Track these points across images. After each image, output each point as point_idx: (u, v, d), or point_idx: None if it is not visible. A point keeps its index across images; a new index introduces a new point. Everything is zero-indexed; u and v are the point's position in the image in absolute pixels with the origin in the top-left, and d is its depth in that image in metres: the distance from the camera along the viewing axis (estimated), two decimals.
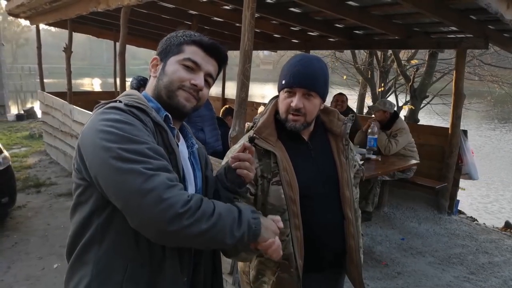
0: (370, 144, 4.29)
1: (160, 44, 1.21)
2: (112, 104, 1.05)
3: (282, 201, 1.41)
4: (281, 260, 1.40)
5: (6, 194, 4.05)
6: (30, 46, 51.34)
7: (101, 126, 0.97)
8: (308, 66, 1.42)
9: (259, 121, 1.48)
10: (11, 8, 6.89)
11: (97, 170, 0.95)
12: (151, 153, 0.96)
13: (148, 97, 1.16)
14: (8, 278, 3.20)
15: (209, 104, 3.73)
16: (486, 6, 2.72)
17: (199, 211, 0.95)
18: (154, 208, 0.90)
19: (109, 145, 0.93)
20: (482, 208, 7.68)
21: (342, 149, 1.56)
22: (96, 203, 1.01)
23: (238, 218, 1.03)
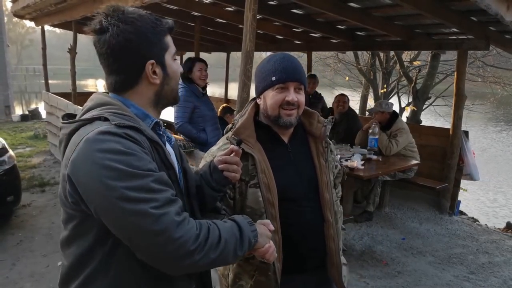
0: (371, 145, 4.32)
1: (137, 44, 1.01)
2: (104, 128, 0.92)
3: (260, 204, 1.39)
4: (259, 264, 1.40)
5: (12, 193, 4.11)
6: (35, 47, 51.65)
7: (101, 160, 0.88)
8: (294, 61, 1.45)
9: (238, 122, 1.45)
10: (16, 9, 6.97)
11: (100, 209, 0.89)
12: (156, 187, 0.91)
13: (127, 102, 1.05)
14: (13, 275, 3.25)
15: (211, 104, 3.78)
16: (486, 7, 2.75)
17: (208, 244, 0.95)
18: (166, 249, 0.89)
19: (113, 184, 0.86)
20: (484, 209, 7.67)
21: (321, 151, 1.54)
22: (98, 234, 0.95)
23: (240, 238, 1.04)
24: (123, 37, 0.99)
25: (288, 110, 1.42)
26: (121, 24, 0.99)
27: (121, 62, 1.02)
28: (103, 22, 1.00)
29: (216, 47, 8.67)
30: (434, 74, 8.95)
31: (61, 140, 1.02)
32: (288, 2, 4.43)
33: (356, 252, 3.80)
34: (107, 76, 1.07)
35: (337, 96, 5.18)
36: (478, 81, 10.50)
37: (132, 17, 1.01)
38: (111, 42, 0.99)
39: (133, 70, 1.04)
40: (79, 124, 0.98)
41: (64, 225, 1.02)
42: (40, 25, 7.57)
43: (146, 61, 1.03)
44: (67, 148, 0.97)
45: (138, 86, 1.06)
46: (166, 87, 1.09)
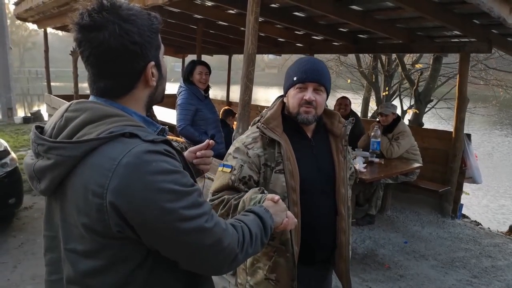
0: (373, 147, 4.31)
1: (140, 44, 0.91)
2: (144, 148, 0.84)
3: (283, 189, 1.48)
4: (278, 245, 1.50)
5: (13, 195, 4.10)
6: (37, 50, 51.84)
7: (154, 184, 0.82)
8: (316, 63, 1.56)
9: (267, 114, 1.58)
10: (19, 12, 7.02)
11: (158, 234, 0.86)
12: (201, 200, 0.92)
13: (128, 110, 0.96)
14: (15, 277, 3.25)
15: (213, 107, 3.77)
16: (488, 10, 2.75)
17: (245, 242, 1.00)
18: (218, 257, 0.93)
19: (171, 207, 0.83)
20: (486, 212, 7.64)
21: (341, 149, 1.64)
22: (140, 256, 0.91)
23: (263, 228, 1.10)
24: (127, 38, 0.88)
25: (306, 108, 1.53)
26: (122, 23, 0.88)
27: (121, 65, 0.91)
28: (96, 16, 0.87)
29: (218, 49, 8.69)
30: (436, 76, 8.93)
31: (58, 163, 0.86)
32: (290, 5, 4.43)
33: (359, 256, 3.79)
34: (95, 79, 0.93)
35: (338, 99, 5.17)
36: (480, 84, 10.48)
37: (132, 14, 0.90)
38: (111, 42, 0.87)
39: (133, 73, 0.93)
40: (97, 143, 0.84)
41: (89, 256, 0.89)
42: (43, 28, 7.62)
43: (147, 63, 0.93)
44: (86, 173, 0.84)
45: (135, 91, 0.95)
46: (160, 88, 1.02)
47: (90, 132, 0.87)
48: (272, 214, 1.16)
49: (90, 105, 0.91)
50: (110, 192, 0.81)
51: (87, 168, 0.85)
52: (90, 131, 0.86)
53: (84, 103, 0.93)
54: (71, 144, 0.86)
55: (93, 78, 0.94)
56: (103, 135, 0.85)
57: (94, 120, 0.88)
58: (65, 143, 0.86)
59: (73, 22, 0.90)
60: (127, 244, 0.88)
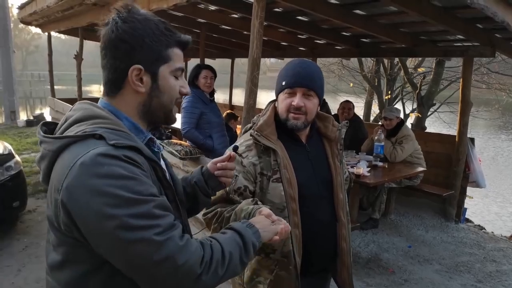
0: (376, 151, 4.31)
1: (129, 44, 0.94)
2: (101, 150, 0.84)
3: (282, 199, 1.42)
4: (280, 258, 1.43)
5: (18, 199, 4.11)
6: (40, 53, 52.11)
7: (100, 187, 0.80)
8: (306, 68, 1.49)
9: (260, 120, 1.51)
10: (23, 16, 7.06)
11: (99, 240, 0.83)
12: (158, 212, 0.85)
13: (120, 114, 0.98)
14: (19, 281, 3.25)
15: (218, 110, 3.78)
16: (492, 15, 2.76)
17: (213, 262, 0.92)
18: (172, 276, 0.85)
19: (113, 212, 0.79)
20: (490, 216, 7.62)
21: (336, 153, 1.60)
22: (93, 262, 0.89)
23: (243, 245, 1.00)
24: (116, 34, 0.93)
25: (295, 114, 1.47)
26: (119, 21, 0.94)
27: (110, 59, 0.96)
28: (110, 17, 0.96)
29: (220, 53, 8.72)
30: (438, 80, 8.95)
31: (44, 156, 0.93)
32: (293, 9, 4.45)
33: (362, 260, 3.78)
34: (102, 72, 1.00)
35: (342, 103, 5.18)
36: (483, 88, 10.48)
37: (135, 17, 0.95)
38: (105, 37, 0.95)
39: (119, 70, 0.96)
40: (68, 141, 0.88)
41: (54, 248, 0.94)
42: (47, 32, 7.66)
43: (130, 65, 0.95)
44: (56, 169, 0.89)
45: (124, 91, 0.98)
46: (155, 100, 0.99)
47: (73, 130, 0.91)
48: (259, 229, 1.07)
49: (85, 106, 0.97)
50: (63, 190, 0.83)
51: (58, 164, 0.89)
52: (73, 130, 0.91)
53: (83, 103, 0.99)
54: (51, 139, 0.91)
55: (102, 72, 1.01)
56: (77, 134, 0.89)
57: (81, 119, 0.93)
58: (49, 137, 0.92)
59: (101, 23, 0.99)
60: (77, 245, 0.87)
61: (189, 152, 3.29)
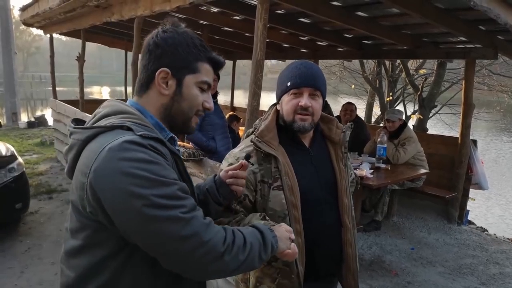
0: (379, 153, 4.31)
1: (162, 49, 1.04)
2: (129, 138, 0.90)
3: (283, 206, 1.39)
4: (282, 266, 1.41)
5: (20, 200, 4.12)
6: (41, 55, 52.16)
7: (127, 169, 0.86)
8: (310, 68, 1.47)
9: (261, 125, 1.47)
10: (25, 18, 7.06)
11: (127, 218, 0.87)
12: (182, 194, 0.92)
13: (146, 112, 1.05)
14: (22, 283, 3.25)
15: (221, 112, 3.78)
16: (495, 17, 2.76)
17: (236, 245, 0.96)
18: (196, 252, 0.90)
19: (141, 192, 0.85)
20: (492, 218, 7.60)
21: (341, 156, 1.56)
22: (112, 245, 0.94)
23: (263, 242, 1.06)
24: (155, 40, 1.04)
25: (302, 115, 1.43)
26: (161, 31, 1.06)
27: (144, 61, 1.06)
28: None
29: (222, 55, 8.55)
30: (440, 82, 8.93)
31: (73, 145, 0.99)
32: (295, 11, 4.46)
33: (365, 262, 3.77)
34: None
35: (344, 104, 5.18)
36: (484, 90, 10.48)
37: (175, 30, 1.06)
38: (145, 42, 1.06)
39: (149, 72, 1.05)
40: (97, 131, 0.95)
41: (73, 234, 0.98)
42: (49, 33, 7.67)
43: (159, 67, 1.03)
44: (83, 156, 0.94)
45: (150, 92, 1.06)
46: (176, 104, 1.06)
47: (101, 123, 0.99)
48: (277, 237, 1.12)
49: (114, 103, 1.05)
50: (91, 173, 0.88)
51: (86, 151, 0.95)
52: (102, 123, 0.99)
53: (111, 101, 1.08)
54: (80, 129, 0.99)
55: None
56: (106, 125, 0.96)
57: (110, 114, 1.01)
58: (79, 128, 1.00)
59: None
60: (99, 229, 0.92)
61: (192, 154, 3.28)
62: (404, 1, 3.27)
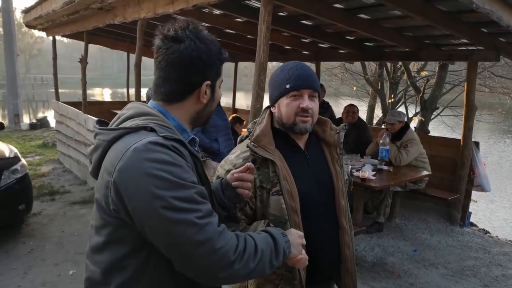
0: (381, 155, 4.31)
1: (205, 64, 1.06)
2: (153, 139, 0.94)
3: (283, 211, 1.37)
4: (284, 272, 1.40)
5: (23, 202, 4.13)
6: (43, 57, 52.28)
7: (150, 170, 0.89)
8: (307, 69, 1.46)
9: (256, 130, 1.44)
10: (29, 20, 7.09)
11: (145, 217, 0.91)
12: (199, 199, 0.94)
13: (168, 114, 1.09)
14: (25, 284, 3.26)
15: (224, 114, 3.79)
16: (497, 19, 2.77)
17: (246, 253, 0.98)
18: (208, 259, 0.92)
19: (161, 193, 0.88)
20: (495, 220, 7.58)
21: (336, 158, 1.56)
22: (134, 243, 0.97)
23: (275, 248, 1.08)
24: (197, 53, 1.04)
25: (303, 117, 1.42)
26: (197, 41, 1.05)
27: (184, 74, 1.06)
28: (180, 32, 1.04)
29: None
30: (442, 84, 8.94)
31: (98, 146, 1.03)
32: (298, 14, 4.47)
33: (368, 264, 3.77)
34: (161, 82, 1.08)
35: (346, 106, 5.19)
36: (486, 92, 10.48)
37: (208, 39, 1.08)
38: (183, 53, 1.03)
39: (190, 84, 1.07)
40: (123, 132, 0.99)
41: (97, 231, 1.02)
42: (51, 35, 7.69)
43: (204, 81, 1.08)
44: (109, 155, 0.99)
45: (186, 101, 1.09)
46: (208, 108, 1.14)
47: (125, 124, 1.03)
48: (290, 241, 1.14)
49: (137, 105, 1.09)
50: (116, 171, 0.92)
51: (111, 151, 0.99)
52: (126, 124, 1.02)
53: (135, 103, 1.11)
54: (106, 130, 1.03)
55: (158, 81, 1.09)
56: (131, 126, 1.00)
57: (133, 116, 1.04)
58: (104, 129, 1.04)
59: (160, 33, 1.07)
60: (121, 226, 0.96)
61: None
62: (407, 3, 3.28)
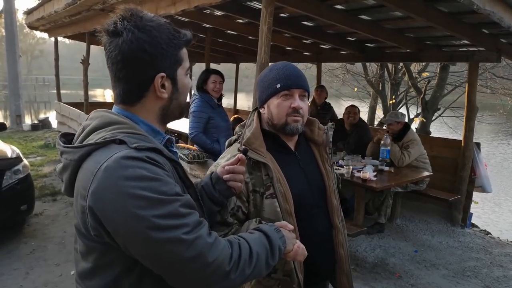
0: (382, 156, 4.31)
1: (150, 54, 0.93)
2: (124, 154, 0.84)
3: (278, 215, 1.34)
4: (282, 277, 1.38)
5: (25, 202, 4.14)
6: (45, 58, 52.49)
7: (127, 189, 0.81)
8: (296, 69, 1.44)
9: (246, 133, 1.41)
10: (31, 21, 7.13)
11: (129, 240, 0.84)
12: (185, 211, 0.87)
13: (136, 118, 0.99)
14: (27, 284, 3.27)
15: (225, 115, 3.80)
16: (498, 20, 2.78)
17: (241, 260, 0.93)
18: (202, 274, 0.87)
19: (143, 213, 0.80)
20: (496, 221, 7.57)
21: (326, 157, 1.55)
22: (124, 264, 0.90)
23: (270, 248, 1.03)
24: (136, 45, 0.92)
25: (295, 117, 1.40)
26: (136, 31, 0.92)
27: (130, 70, 0.95)
28: (118, 24, 0.93)
29: (225, 58, 8.76)
30: (443, 85, 8.95)
31: (66, 166, 0.93)
32: (299, 15, 4.48)
33: (369, 264, 3.77)
34: (113, 84, 0.99)
35: (347, 107, 5.19)
36: (488, 93, 10.47)
37: (150, 25, 0.94)
38: (123, 48, 0.92)
39: (141, 81, 0.96)
40: (90, 149, 0.89)
41: (84, 257, 0.95)
42: (53, 36, 7.72)
43: (156, 74, 0.95)
44: (80, 177, 0.90)
45: (145, 100, 0.98)
46: (175, 102, 1.02)
47: (92, 138, 0.92)
48: (284, 236, 1.10)
49: (101, 114, 0.97)
50: (89, 195, 0.83)
51: (82, 172, 0.89)
52: (93, 137, 0.92)
53: (99, 112, 0.99)
54: (72, 148, 0.93)
55: (112, 83, 0.99)
56: (97, 141, 0.89)
57: (99, 127, 0.93)
58: (69, 147, 0.94)
59: (102, 28, 0.96)
60: (108, 250, 0.89)
61: (196, 156, 3.31)
62: (408, 5, 3.29)
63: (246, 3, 4.35)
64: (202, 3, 3.23)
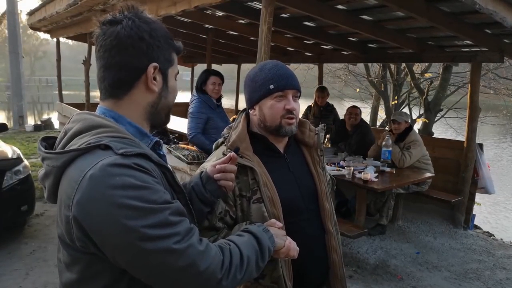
0: (384, 157, 4.29)
1: (147, 43, 0.93)
2: (110, 161, 0.80)
3: (265, 220, 1.28)
4: (270, 284, 1.34)
5: (26, 203, 4.14)
6: (48, 59, 52.62)
7: (114, 199, 0.77)
8: (288, 69, 1.40)
9: (232, 135, 1.36)
10: (33, 22, 7.15)
11: (118, 252, 0.81)
12: (175, 219, 0.84)
13: (122, 119, 0.95)
14: (27, 284, 3.26)
15: (225, 116, 3.79)
16: (501, 20, 2.76)
17: (233, 266, 0.92)
18: (195, 282, 0.85)
19: (131, 224, 0.77)
20: (499, 223, 7.52)
21: (317, 160, 1.50)
22: (112, 274, 0.87)
23: (260, 249, 1.02)
24: (136, 31, 0.91)
25: (290, 119, 1.36)
26: (137, 20, 0.93)
27: (124, 56, 0.92)
28: (118, 14, 0.93)
29: (227, 58, 8.76)
30: (445, 86, 8.91)
31: (48, 172, 0.89)
32: (300, 15, 4.47)
33: (370, 266, 3.75)
34: (102, 75, 0.94)
35: (349, 108, 5.17)
36: (491, 93, 10.42)
37: (150, 19, 0.96)
38: (121, 33, 0.90)
39: (134, 68, 0.93)
40: (73, 155, 0.85)
41: (68, 268, 0.90)
42: (55, 37, 7.74)
43: (149, 63, 0.94)
44: (63, 185, 0.85)
45: (135, 91, 0.95)
46: (163, 100, 1.00)
47: (75, 143, 0.88)
48: (273, 235, 1.10)
49: (84, 116, 0.93)
50: (74, 205, 0.80)
51: (65, 179, 0.85)
52: (76, 142, 0.88)
53: (82, 114, 0.95)
54: (54, 154, 0.88)
55: (100, 74, 0.96)
56: (81, 147, 0.85)
57: (82, 131, 0.89)
58: (51, 153, 0.89)
59: (97, 21, 0.95)
60: (95, 260, 0.85)
61: (196, 157, 3.30)
62: (410, 5, 3.27)
63: (247, 3, 4.33)
64: (203, 3, 3.22)
